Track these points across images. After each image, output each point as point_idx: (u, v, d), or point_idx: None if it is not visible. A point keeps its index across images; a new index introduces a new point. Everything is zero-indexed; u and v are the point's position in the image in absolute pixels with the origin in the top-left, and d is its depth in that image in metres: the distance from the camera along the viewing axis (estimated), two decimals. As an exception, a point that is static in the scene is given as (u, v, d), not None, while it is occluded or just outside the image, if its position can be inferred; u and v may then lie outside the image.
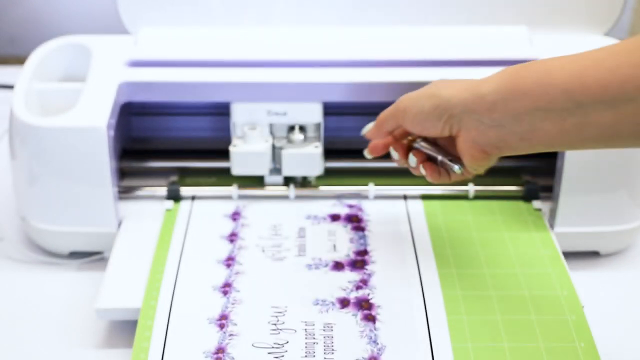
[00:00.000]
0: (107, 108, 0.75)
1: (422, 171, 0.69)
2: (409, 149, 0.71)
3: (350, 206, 0.81)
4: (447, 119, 0.63)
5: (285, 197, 0.82)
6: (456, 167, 0.66)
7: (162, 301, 0.69)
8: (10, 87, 1.03)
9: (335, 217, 0.80)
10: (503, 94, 0.59)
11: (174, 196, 0.82)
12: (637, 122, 0.53)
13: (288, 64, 0.81)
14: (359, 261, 0.74)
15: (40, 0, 1.18)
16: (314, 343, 0.65)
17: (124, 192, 0.82)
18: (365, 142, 0.75)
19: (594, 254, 0.81)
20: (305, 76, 0.79)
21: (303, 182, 0.83)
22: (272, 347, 0.65)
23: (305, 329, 0.66)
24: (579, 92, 0.54)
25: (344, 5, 0.88)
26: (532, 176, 0.85)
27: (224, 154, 0.81)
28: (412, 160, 0.69)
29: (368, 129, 0.72)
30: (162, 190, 0.82)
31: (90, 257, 0.80)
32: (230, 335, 0.66)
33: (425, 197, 0.82)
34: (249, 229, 0.78)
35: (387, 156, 0.73)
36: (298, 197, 0.82)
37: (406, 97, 0.67)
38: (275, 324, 0.67)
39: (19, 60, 1.19)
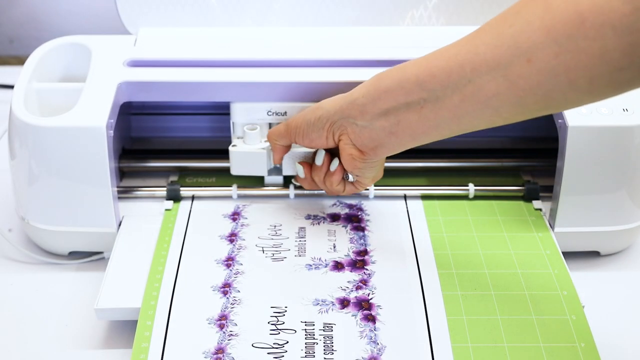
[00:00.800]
0: (107, 108, 0.75)
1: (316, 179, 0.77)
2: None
3: (350, 206, 0.81)
4: (328, 127, 0.71)
5: (285, 197, 0.82)
6: (350, 177, 0.74)
7: (161, 301, 0.69)
8: (10, 87, 1.03)
9: (335, 217, 0.80)
10: (371, 96, 0.67)
11: (174, 196, 0.82)
12: (479, 100, 0.60)
13: (288, 64, 0.81)
14: (359, 261, 0.74)
15: (40, 0, 1.18)
16: (314, 343, 0.65)
17: (124, 192, 0.82)
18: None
19: (594, 254, 0.81)
20: (305, 76, 0.79)
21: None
22: (272, 347, 0.65)
23: (305, 329, 0.66)
24: (428, 81, 0.63)
25: (344, 5, 0.88)
26: (532, 176, 0.85)
27: (224, 154, 0.81)
28: (300, 169, 0.78)
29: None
30: (162, 190, 0.82)
31: (90, 257, 0.80)
32: (230, 335, 0.66)
33: (425, 197, 0.82)
34: (249, 229, 0.78)
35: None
36: (298, 197, 0.82)
37: (296, 116, 0.75)
38: (275, 324, 0.67)
39: (19, 60, 1.19)
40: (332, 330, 0.66)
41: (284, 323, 0.67)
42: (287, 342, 0.65)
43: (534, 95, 0.58)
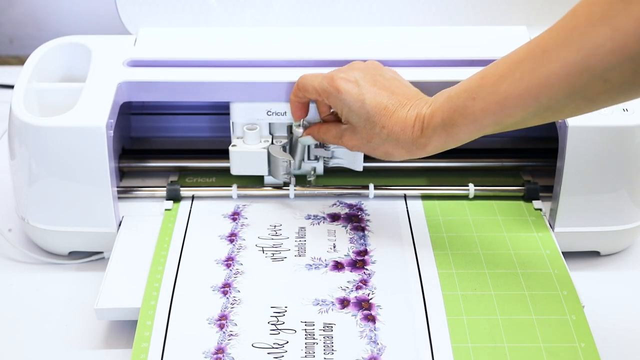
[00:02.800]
0: (107, 108, 0.75)
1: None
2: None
3: (350, 206, 0.81)
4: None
5: (285, 197, 0.82)
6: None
7: (161, 301, 0.69)
8: (10, 87, 1.03)
9: (335, 217, 0.79)
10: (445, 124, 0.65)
11: (174, 196, 0.81)
12: (559, 117, 0.62)
13: (288, 64, 0.81)
14: (359, 261, 0.74)
15: (40, 0, 1.18)
16: (314, 343, 0.65)
17: (124, 192, 0.82)
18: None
19: (594, 254, 0.81)
20: (305, 76, 0.79)
21: (303, 182, 0.83)
22: (272, 347, 0.65)
23: (305, 329, 0.66)
24: (504, 118, 0.62)
25: (344, 5, 0.88)
26: (532, 176, 0.85)
27: (224, 154, 0.81)
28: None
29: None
30: (162, 190, 0.82)
31: (90, 257, 0.80)
32: (230, 335, 0.66)
33: (425, 197, 0.82)
34: (249, 229, 0.78)
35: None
36: (298, 197, 0.82)
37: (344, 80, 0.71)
38: (275, 324, 0.67)
39: (19, 60, 1.19)
40: (332, 330, 0.66)
41: (284, 323, 0.67)
42: (287, 342, 0.65)
43: (613, 102, 0.58)
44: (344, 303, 0.69)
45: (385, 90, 0.70)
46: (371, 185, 0.82)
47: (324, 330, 0.66)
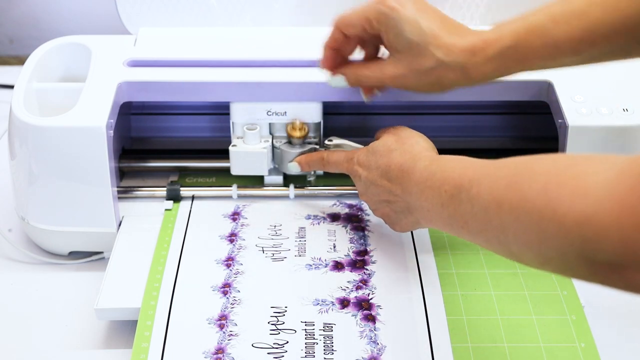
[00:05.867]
0: (107, 108, 0.75)
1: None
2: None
3: (350, 206, 0.81)
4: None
5: (285, 197, 0.82)
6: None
7: (161, 301, 0.69)
8: (10, 87, 1.03)
9: (335, 217, 0.79)
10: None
11: (174, 196, 0.81)
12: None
13: (288, 64, 0.81)
14: (359, 261, 0.74)
15: (40, 0, 1.18)
16: (314, 343, 0.65)
17: (124, 192, 0.82)
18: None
19: (594, 254, 0.80)
20: (305, 76, 0.79)
21: (303, 182, 0.83)
22: (272, 347, 0.65)
23: (305, 329, 0.66)
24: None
25: (344, 6, 0.87)
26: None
27: (224, 154, 0.81)
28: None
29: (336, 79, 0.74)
30: (162, 190, 0.82)
31: (90, 257, 0.80)
32: (230, 335, 0.66)
33: (425, 197, 0.82)
34: (249, 229, 0.78)
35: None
36: (298, 197, 0.82)
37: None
38: (275, 324, 0.67)
39: (19, 60, 1.19)
40: (332, 330, 0.66)
41: (284, 323, 0.67)
42: (287, 342, 0.65)
43: None
44: (344, 303, 0.69)
45: (438, 16, 0.68)
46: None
47: (324, 330, 0.66)
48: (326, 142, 0.80)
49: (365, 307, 0.68)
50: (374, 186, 0.71)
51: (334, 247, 0.75)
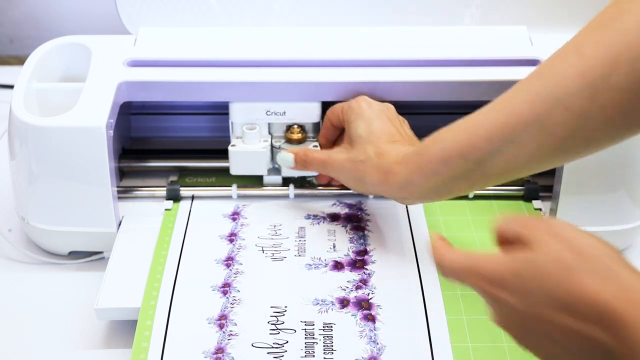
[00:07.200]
0: (107, 108, 0.75)
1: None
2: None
3: (350, 206, 0.81)
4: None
5: (284, 197, 0.82)
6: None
7: (161, 301, 0.69)
8: (10, 87, 1.03)
9: (335, 217, 0.79)
10: (417, 174, 0.66)
11: (174, 196, 0.82)
12: (523, 155, 0.60)
13: (287, 63, 0.81)
14: (359, 261, 0.74)
15: (40, 0, 1.18)
16: (314, 343, 0.65)
17: (124, 192, 0.82)
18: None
19: (594, 254, 0.80)
20: (305, 76, 0.79)
21: (303, 182, 0.83)
22: (272, 347, 0.65)
23: (305, 329, 0.66)
24: (472, 153, 0.62)
25: (344, 5, 0.88)
26: (532, 176, 0.85)
27: (224, 154, 0.81)
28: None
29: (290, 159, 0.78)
30: (162, 190, 0.82)
31: (90, 257, 0.80)
32: (230, 335, 0.66)
33: (425, 197, 0.82)
34: (249, 229, 0.78)
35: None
36: (298, 197, 0.82)
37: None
38: (274, 324, 0.67)
39: (19, 60, 1.19)
40: (332, 330, 0.66)
41: (283, 323, 0.67)
42: (287, 341, 0.65)
43: (573, 139, 0.58)
44: (343, 303, 0.69)
45: (395, 126, 0.74)
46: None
47: (323, 330, 0.66)
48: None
49: (365, 307, 0.68)
50: (537, 322, 0.48)
51: (334, 246, 0.75)
